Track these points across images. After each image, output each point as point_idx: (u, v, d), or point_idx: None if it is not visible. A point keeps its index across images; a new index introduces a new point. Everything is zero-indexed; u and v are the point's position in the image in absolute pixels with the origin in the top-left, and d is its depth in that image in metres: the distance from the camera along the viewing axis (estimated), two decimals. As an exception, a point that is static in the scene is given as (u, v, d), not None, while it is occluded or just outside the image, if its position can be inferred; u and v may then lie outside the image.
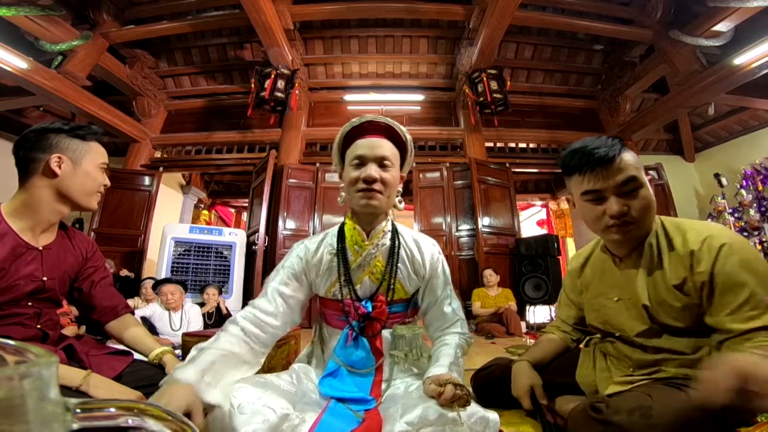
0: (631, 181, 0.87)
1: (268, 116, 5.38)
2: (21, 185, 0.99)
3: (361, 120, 0.96)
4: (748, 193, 4.91)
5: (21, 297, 0.98)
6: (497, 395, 1.18)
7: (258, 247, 4.67)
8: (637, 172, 0.88)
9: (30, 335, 1.01)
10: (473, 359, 2.31)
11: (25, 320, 1.00)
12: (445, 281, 1.02)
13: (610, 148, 0.88)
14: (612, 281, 1.00)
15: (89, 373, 0.91)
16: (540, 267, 4.54)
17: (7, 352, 0.20)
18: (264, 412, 0.70)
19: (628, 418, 0.73)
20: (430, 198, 5.37)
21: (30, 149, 0.98)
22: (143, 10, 5.06)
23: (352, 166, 0.93)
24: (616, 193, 0.88)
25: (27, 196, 0.98)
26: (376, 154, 0.91)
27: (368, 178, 0.89)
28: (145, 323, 2.75)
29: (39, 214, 1.00)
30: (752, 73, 4.02)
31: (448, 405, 0.74)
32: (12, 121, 5.60)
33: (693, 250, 0.85)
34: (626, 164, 0.87)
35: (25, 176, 0.98)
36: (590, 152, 0.89)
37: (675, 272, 0.87)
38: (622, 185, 0.87)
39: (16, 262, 0.96)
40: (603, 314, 1.03)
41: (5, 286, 0.94)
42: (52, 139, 0.99)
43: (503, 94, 5.04)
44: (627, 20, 5.02)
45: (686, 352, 0.88)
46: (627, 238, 0.91)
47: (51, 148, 0.98)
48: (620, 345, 1.01)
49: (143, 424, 0.24)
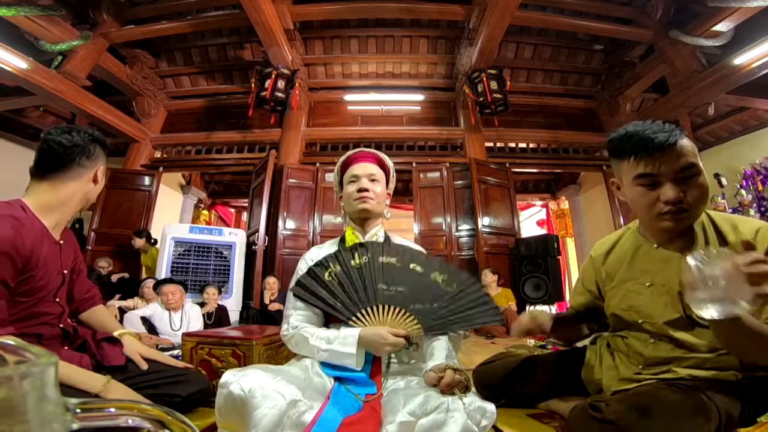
0: (690, 168, 0.84)
1: (268, 116, 5.38)
2: (55, 183, 1.02)
3: (355, 151, 1.23)
4: (748, 193, 4.91)
5: (53, 292, 1.03)
6: (499, 390, 1.18)
7: (258, 247, 4.68)
8: (696, 159, 0.85)
9: (54, 334, 1.06)
10: (473, 359, 2.31)
11: (51, 320, 1.04)
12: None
13: (670, 133, 0.85)
14: (645, 266, 0.97)
15: (109, 379, 0.94)
16: (540, 267, 4.54)
17: (7, 352, 0.20)
18: (274, 397, 0.72)
19: (628, 417, 0.73)
20: (430, 198, 5.37)
21: (81, 155, 1.04)
22: (143, 10, 5.06)
23: (349, 184, 1.16)
24: (673, 179, 0.85)
25: (64, 196, 1.03)
26: (367, 172, 1.15)
27: (361, 188, 1.13)
28: (145, 323, 2.76)
29: (68, 213, 1.06)
30: (752, 73, 4.01)
31: (449, 391, 0.76)
32: (12, 121, 5.60)
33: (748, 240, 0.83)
34: (686, 150, 0.85)
35: (67, 177, 1.03)
36: (648, 137, 0.86)
37: None
38: (680, 171, 0.84)
39: (49, 258, 1.00)
40: (630, 299, 1.00)
41: (42, 284, 0.98)
42: (99, 151, 1.09)
43: (503, 94, 5.04)
44: (627, 20, 5.02)
45: (703, 349, 0.86)
46: (679, 227, 0.89)
47: (97, 158, 1.09)
48: (632, 341, 0.99)
49: (143, 424, 0.24)
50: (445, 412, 0.71)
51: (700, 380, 0.83)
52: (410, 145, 5.86)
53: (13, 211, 0.93)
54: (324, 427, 0.72)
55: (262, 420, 0.69)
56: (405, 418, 0.71)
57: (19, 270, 0.91)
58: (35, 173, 1.02)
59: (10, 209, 0.93)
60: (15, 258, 0.89)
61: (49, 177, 1.01)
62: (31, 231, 0.94)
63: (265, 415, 0.69)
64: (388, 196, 1.22)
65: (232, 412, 0.75)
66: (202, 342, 1.43)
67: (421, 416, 0.71)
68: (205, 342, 1.43)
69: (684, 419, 0.73)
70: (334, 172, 1.25)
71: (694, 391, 0.78)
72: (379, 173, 1.17)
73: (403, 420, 0.71)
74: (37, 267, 0.95)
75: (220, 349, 1.40)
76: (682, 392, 0.79)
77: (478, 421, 0.73)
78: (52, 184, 1.01)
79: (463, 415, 0.71)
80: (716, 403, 0.77)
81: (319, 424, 0.73)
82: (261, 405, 0.71)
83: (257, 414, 0.70)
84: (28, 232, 0.93)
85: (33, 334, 0.97)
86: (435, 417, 0.71)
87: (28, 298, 0.95)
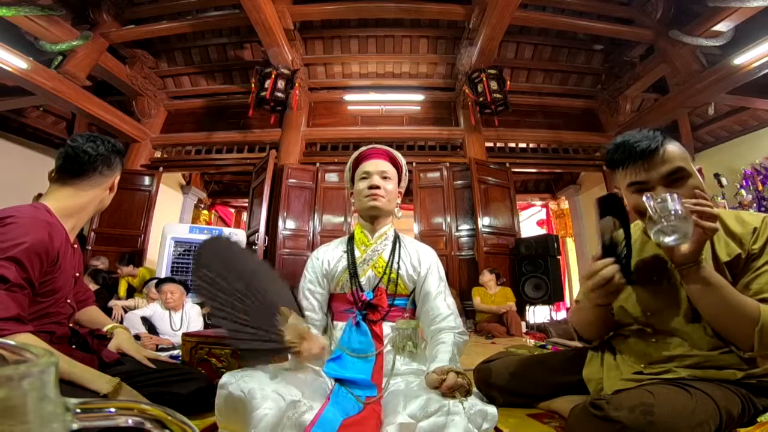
0: (677, 172, 0.87)
1: (268, 116, 5.38)
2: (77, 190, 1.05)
3: (367, 147, 1.20)
4: (748, 193, 4.90)
5: (67, 294, 1.06)
6: (499, 389, 1.18)
7: (258, 247, 4.68)
8: (683, 163, 0.87)
9: (64, 333, 1.09)
10: (474, 359, 2.31)
11: (62, 319, 1.07)
12: (440, 278, 1.12)
13: (652, 140, 0.88)
14: (652, 262, 0.98)
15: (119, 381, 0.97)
16: (540, 267, 4.55)
17: (7, 351, 0.20)
18: (274, 398, 0.72)
19: (629, 415, 0.73)
20: (430, 198, 5.37)
21: (103, 164, 1.08)
22: (143, 10, 5.06)
23: (360, 180, 1.14)
24: (663, 184, 0.88)
25: (84, 202, 1.07)
26: (378, 169, 1.13)
27: (373, 185, 1.11)
28: (145, 323, 2.76)
29: (84, 218, 1.10)
30: (752, 73, 4.01)
31: (450, 394, 0.76)
32: (12, 121, 5.60)
33: (756, 227, 0.87)
34: (670, 155, 0.87)
35: (89, 185, 1.07)
36: (631, 146, 0.90)
37: (728, 250, 0.88)
38: (667, 176, 0.87)
39: (67, 262, 1.04)
40: (638, 294, 1.00)
41: (60, 285, 1.01)
42: (118, 161, 1.13)
43: (503, 94, 5.04)
44: (627, 20, 5.02)
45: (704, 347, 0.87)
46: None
47: (116, 168, 1.13)
48: (634, 339, 0.99)
49: (143, 424, 0.24)
50: (446, 415, 0.71)
51: (700, 380, 0.83)
52: (410, 145, 5.86)
53: (47, 217, 0.98)
54: (324, 428, 0.72)
55: (261, 421, 0.69)
56: (405, 420, 0.71)
57: (44, 271, 0.95)
58: (58, 178, 1.05)
59: (43, 214, 0.97)
60: (44, 260, 0.93)
61: (71, 183, 1.05)
62: (59, 235, 0.98)
63: (265, 416, 0.69)
64: (400, 195, 1.20)
65: (232, 413, 0.75)
66: (202, 342, 1.43)
67: (421, 419, 0.71)
68: (205, 342, 1.43)
69: (685, 418, 0.72)
70: (346, 168, 1.23)
71: (696, 390, 0.78)
72: (392, 171, 1.15)
73: (403, 422, 0.71)
74: (59, 270, 0.99)
75: (220, 349, 1.40)
76: (683, 391, 0.79)
77: (479, 425, 0.72)
78: (74, 191, 1.05)
79: (464, 419, 0.70)
80: (717, 402, 0.77)
81: (319, 425, 0.73)
82: (261, 405, 0.71)
83: (257, 414, 0.70)
84: (57, 237, 0.97)
85: (46, 332, 1.00)
86: (435, 420, 0.70)
87: (48, 299, 0.99)
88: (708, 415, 0.74)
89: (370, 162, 1.15)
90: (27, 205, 0.99)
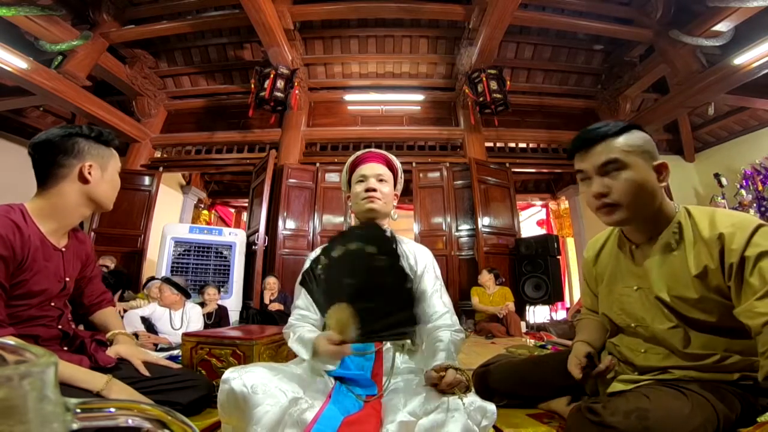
0: (612, 163, 0.86)
1: (268, 116, 5.38)
2: (46, 188, 0.99)
3: (364, 151, 1.22)
4: (748, 193, 4.91)
5: (50, 298, 1.01)
6: (499, 392, 1.18)
7: (258, 247, 4.68)
8: (621, 155, 0.85)
9: (53, 335, 1.05)
10: (473, 359, 2.31)
11: (48, 321, 1.03)
12: (435, 277, 1.14)
13: (596, 131, 0.89)
14: (630, 269, 0.97)
15: (110, 378, 0.94)
16: (540, 267, 4.55)
17: (7, 351, 0.20)
18: (276, 394, 0.73)
19: (625, 421, 0.72)
20: (430, 198, 5.37)
21: (58, 154, 0.97)
22: (143, 10, 5.06)
23: (357, 183, 1.16)
24: (598, 174, 0.89)
25: (57, 200, 0.99)
26: (375, 172, 1.15)
27: (369, 188, 1.12)
28: (144, 323, 2.76)
29: (67, 217, 1.02)
30: (752, 73, 4.01)
31: (449, 390, 0.76)
32: (12, 121, 5.60)
33: (722, 232, 0.80)
34: (612, 147, 0.86)
35: (53, 180, 0.98)
36: (580, 136, 0.93)
37: (697, 261, 0.83)
38: (601, 166, 0.87)
39: (47, 264, 0.98)
40: (621, 303, 0.98)
41: (39, 289, 0.96)
42: (82, 145, 1.00)
43: (503, 94, 5.03)
44: (627, 20, 5.01)
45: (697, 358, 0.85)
46: (612, 221, 0.91)
47: (82, 154, 0.99)
48: (623, 349, 0.99)
49: (143, 424, 0.24)
50: (446, 412, 0.71)
51: (697, 381, 0.83)
52: (410, 145, 5.86)
53: (12, 215, 0.92)
54: (325, 426, 0.73)
55: (263, 417, 0.70)
56: (405, 418, 0.71)
57: (11, 273, 0.90)
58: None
59: (14, 215, 0.92)
60: (8, 260, 0.88)
61: (40, 183, 0.99)
62: (27, 236, 0.93)
63: (267, 413, 0.70)
64: (396, 197, 1.23)
65: (234, 409, 0.75)
66: (202, 342, 1.43)
67: (421, 416, 0.71)
68: (205, 342, 1.43)
69: (681, 423, 0.72)
70: (342, 172, 1.26)
71: (692, 393, 0.78)
72: (387, 174, 1.18)
73: (403, 420, 0.71)
74: (32, 272, 0.94)
75: (220, 349, 1.40)
76: (680, 394, 0.78)
77: (478, 422, 0.72)
78: (50, 191, 0.98)
79: (464, 415, 0.71)
80: (714, 404, 0.76)
81: (320, 423, 0.73)
82: (262, 402, 0.71)
83: (259, 411, 0.70)
84: (24, 237, 0.92)
85: (30, 335, 0.97)
86: (435, 417, 0.70)
87: (24, 302, 0.94)
88: (705, 419, 0.74)
89: (366, 165, 1.17)
90: (2, 205, 0.94)
